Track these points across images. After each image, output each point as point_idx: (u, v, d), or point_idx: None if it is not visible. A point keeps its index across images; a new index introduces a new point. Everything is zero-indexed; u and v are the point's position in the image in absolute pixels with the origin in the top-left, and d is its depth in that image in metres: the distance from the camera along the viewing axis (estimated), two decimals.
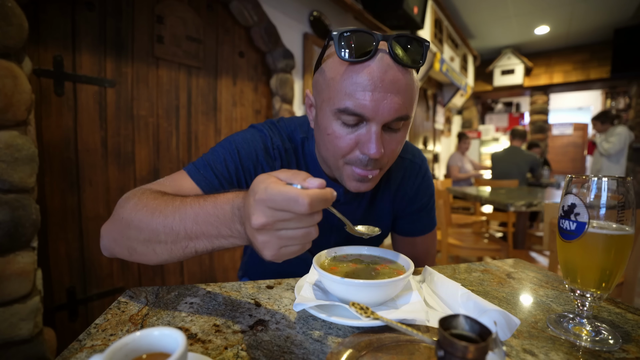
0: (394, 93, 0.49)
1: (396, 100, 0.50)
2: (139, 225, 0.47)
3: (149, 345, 0.28)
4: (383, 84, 0.49)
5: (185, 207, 0.45)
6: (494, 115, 8.22)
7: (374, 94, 0.49)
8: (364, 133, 0.52)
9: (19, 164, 1.06)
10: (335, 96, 0.51)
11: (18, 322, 1.06)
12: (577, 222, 0.42)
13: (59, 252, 1.37)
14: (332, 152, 0.55)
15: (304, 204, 0.32)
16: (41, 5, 1.28)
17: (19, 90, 1.05)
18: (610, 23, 4.66)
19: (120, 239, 0.50)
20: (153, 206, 0.47)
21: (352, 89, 0.49)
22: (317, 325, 0.43)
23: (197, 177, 0.60)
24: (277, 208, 0.34)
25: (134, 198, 0.51)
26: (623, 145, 3.65)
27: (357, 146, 0.53)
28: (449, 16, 4.28)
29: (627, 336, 0.42)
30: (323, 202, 0.34)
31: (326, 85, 0.53)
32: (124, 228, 0.49)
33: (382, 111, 0.49)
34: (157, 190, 0.53)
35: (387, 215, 0.75)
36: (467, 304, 0.44)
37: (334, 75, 0.52)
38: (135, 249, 0.49)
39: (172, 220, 0.45)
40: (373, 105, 0.49)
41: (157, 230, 0.45)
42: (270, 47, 2.18)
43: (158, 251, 0.47)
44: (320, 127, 0.56)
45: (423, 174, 0.75)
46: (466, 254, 2.08)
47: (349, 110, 0.50)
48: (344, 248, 0.57)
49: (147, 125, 1.66)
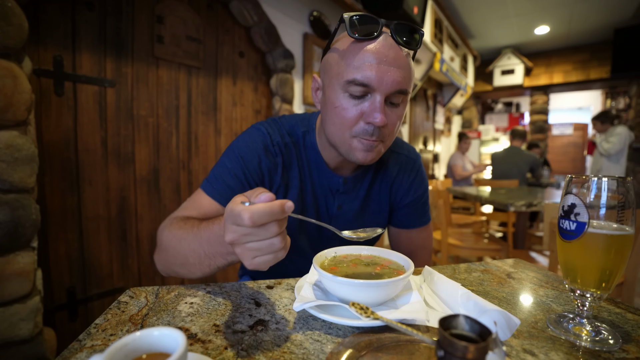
0: (396, 67, 0.56)
1: (398, 74, 0.56)
2: (174, 253, 0.57)
3: (149, 346, 0.28)
4: (387, 58, 0.55)
5: (201, 233, 0.53)
6: (494, 115, 8.22)
7: (379, 66, 0.55)
8: (369, 104, 0.57)
9: (19, 164, 1.06)
10: (345, 70, 0.57)
11: (18, 322, 1.06)
12: (577, 222, 0.42)
13: (59, 252, 1.37)
14: (338, 126, 0.60)
15: (245, 218, 0.36)
16: (41, 5, 1.28)
17: (18, 90, 1.05)
18: (611, 23, 4.65)
19: (165, 264, 0.61)
20: (179, 235, 0.56)
21: (359, 63, 0.56)
22: (317, 325, 0.43)
23: (212, 192, 0.66)
24: (235, 224, 0.38)
25: (166, 230, 0.60)
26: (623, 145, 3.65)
27: (363, 117, 0.58)
28: (449, 16, 4.27)
29: (627, 336, 0.42)
30: (267, 215, 0.37)
31: (336, 63, 0.59)
32: (164, 256, 0.60)
33: (385, 82, 0.55)
34: (182, 218, 0.62)
35: (385, 207, 0.79)
36: (467, 304, 0.44)
37: (344, 53, 0.58)
38: (177, 272, 0.59)
39: (194, 246, 0.53)
40: (378, 76, 0.55)
41: (186, 256, 0.55)
42: (270, 47, 2.18)
43: (192, 270, 0.56)
44: (327, 103, 0.61)
45: (417, 169, 0.81)
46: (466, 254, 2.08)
47: (357, 80, 0.56)
48: (344, 248, 0.57)
49: (147, 125, 1.66)
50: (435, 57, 3.97)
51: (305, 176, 0.71)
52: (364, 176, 0.75)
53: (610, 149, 3.66)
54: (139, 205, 1.64)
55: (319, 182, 0.72)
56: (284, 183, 0.70)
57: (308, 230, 0.73)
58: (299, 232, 0.72)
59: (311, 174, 0.72)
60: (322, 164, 0.71)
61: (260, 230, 0.38)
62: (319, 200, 0.73)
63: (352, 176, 0.73)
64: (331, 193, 0.73)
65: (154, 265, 1.73)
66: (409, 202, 0.79)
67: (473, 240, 2.17)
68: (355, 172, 0.73)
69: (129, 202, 1.60)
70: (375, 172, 0.76)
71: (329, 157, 0.70)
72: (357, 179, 0.74)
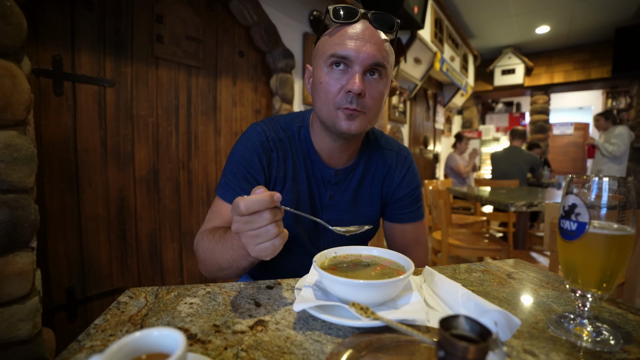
0: (371, 43, 0.63)
1: (374, 48, 0.63)
2: (210, 262, 0.65)
3: (148, 346, 0.27)
4: (364, 35, 0.64)
5: (226, 242, 0.60)
6: (494, 115, 8.21)
7: (357, 42, 0.63)
8: (348, 76, 0.64)
9: (18, 164, 1.05)
10: (328, 48, 0.65)
11: (17, 323, 1.06)
12: (577, 222, 0.42)
13: (58, 252, 1.37)
14: (324, 100, 0.66)
15: (241, 206, 0.44)
16: (40, 5, 1.28)
17: (18, 90, 1.04)
18: (611, 22, 4.65)
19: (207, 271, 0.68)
20: (210, 247, 0.64)
21: (340, 40, 0.64)
22: (317, 325, 0.43)
23: (228, 198, 0.72)
24: (236, 214, 0.46)
25: (200, 244, 0.68)
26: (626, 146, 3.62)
27: (344, 88, 0.65)
28: (450, 16, 4.27)
29: (629, 337, 0.42)
30: (258, 203, 0.44)
31: (321, 45, 0.68)
32: (205, 265, 0.67)
33: (362, 55, 0.63)
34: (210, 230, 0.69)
35: (377, 200, 0.82)
36: (467, 304, 0.44)
37: (328, 36, 0.67)
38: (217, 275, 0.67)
39: (223, 253, 0.61)
40: (355, 49, 0.63)
41: (219, 263, 0.62)
42: (270, 47, 2.18)
43: (227, 273, 0.63)
44: (315, 83, 0.68)
45: (408, 165, 0.84)
46: (466, 254, 2.08)
47: (337, 54, 0.63)
48: (344, 248, 0.57)
49: (147, 125, 1.66)
50: (436, 56, 3.97)
51: (299, 167, 0.76)
52: (354, 169, 0.79)
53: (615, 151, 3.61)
54: (138, 205, 1.64)
55: (312, 174, 0.77)
56: (280, 175, 0.75)
57: (303, 220, 0.77)
58: (295, 222, 0.76)
59: (305, 166, 0.76)
60: (315, 156, 0.76)
61: (256, 218, 0.45)
62: (313, 190, 0.77)
63: (343, 168, 0.77)
64: (323, 184, 0.77)
65: (153, 265, 1.73)
66: (402, 197, 0.83)
67: (473, 240, 2.17)
68: (346, 165, 0.78)
69: (128, 202, 1.60)
70: (366, 166, 0.80)
71: (321, 150, 0.75)
72: (348, 171, 0.78)
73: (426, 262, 0.84)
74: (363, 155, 0.79)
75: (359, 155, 0.79)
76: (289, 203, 0.75)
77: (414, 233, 0.85)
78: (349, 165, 0.78)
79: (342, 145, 0.72)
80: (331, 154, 0.75)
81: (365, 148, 0.80)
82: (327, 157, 0.76)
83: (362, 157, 0.79)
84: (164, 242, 1.75)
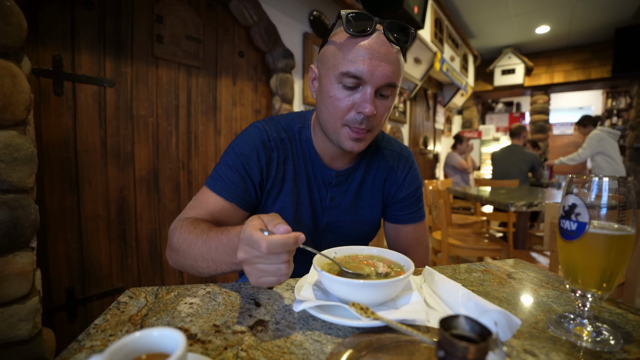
0: (386, 62, 0.61)
1: (388, 68, 0.61)
2: (184, 255, 0.61)
3: (148, 346, 0.27)
4: (379, 54, 0.60)
5: (210, 240, 0.56)
6: (494, 115, 8.21)
7: (371, 61, 0.60)
8: (360, 95, 0.62)
9: (18, 163, 1.05)
10: (340, 62, 0.62)
11: (17, 323, 1.06)
12: (577, 222, 0.42)
13: (58, 252, 1.37)
14: (332, 114, 0.65)
15: (263, 247, 0.41)
16: (40, 5, 1.28)
17: (18, 89, 1.04)
18: (611, 22, 4.65)
19: (177, 263, 0.64)
20: (189, 240, 0.59)
21: (353, 57, 0.61)
22: (317, 325, 0.43)
23: (217, 189, 0.69)
24: (250, 246, 0.43)
25: (176, 231, 0.63)
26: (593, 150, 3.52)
27: (354, 107, 0.63)
28: (450, 16, 4.27)
29: (629, 337, 0.42)
30: (282, 246, 0.41)
31: (332, 55, 0.64)
32: (176, 255, 0.63)
33: (376, 76, 0.60)
34: (192, 220, 0.64)
35: (378, 201, 0.82)
36: (467, 304, 0.44)
37: (340, 46, 0.63)
38: (188, 270, 0.63)
39: (202, 251, 0.57)
40: (370, 70, 0.60)
41: (195, 259, 0.58)
42: (270, 47, 2.18)
43: (201, 270, 0.59)
44: (323, 92, 0.66)
45: (410, 165, 0.84)
46: (466, 254, 2.08)
47: (350, 73, 0.60)
48: (344, 248, 0.57)
49: (147, 125, 1.66)
50: (436, 56, 3.97)
51: (300, 169, 0.75)
52: (355, 170, 0.78)
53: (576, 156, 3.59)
54: (138, 206, 1.64)
55: (313, 175, 0.76)
56: (279, 176, 0.74)
57: (303, 221, 0.76)
58: (295, 223, 0.75)
59: (306, 167, 0.76)
60: (316, 157, 0.75)
61: (273, 257, 0.43)
62: (313, 192, 0.77)
63: (344, 170, 0.77)
64: (324, 185, 0.77)
65: (153, 265, 1.73)
66: (403, 198, 0.82)
67: (473, 240, 2.17)
68: (347, 166, 0.77)
69: (128, 202, 1.60)
70: (367, 167, 0.80)
71: (322, 151, 0.75)
72: (349, 172, 0.77)
73: (427, 263, 0.84)
74: (364, 156, 0.79)
75: (360, 156, 0.78)
76: (289, 205, 0.74)
77: (415, 234, 0.85)
78: (350, 167, 0.77)
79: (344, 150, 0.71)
80: (332, 156, 0.74)
81: (367, 149, 0.79)
82: (328, 159, 0.75)
83: (363, 158, 0.79)
84: (164, 242, 1.75)
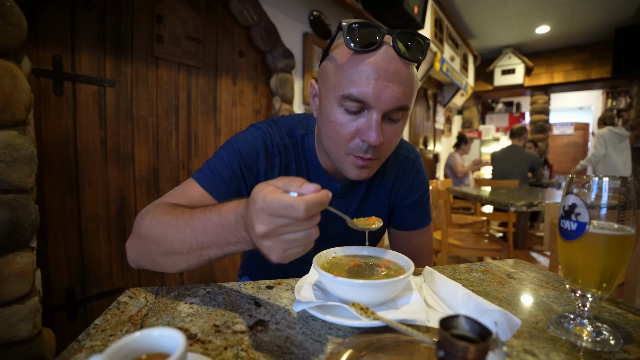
0: (395, 83, 0.52)
1: (397, 90, 0.52)
2: (156, 240, 0.51)
3: (148, 346, 0.27)
4: (386, 73, 0.52)
5: (194, 220, 0.48)
6: (494, 115, 8.21)
7: (377, 82, 0.51)
8: (365, 121, 0.54)
9: (18, 163, 1.05)
10: (341, 83, 0.54)
11: (17, 323, 1.06)
12: (577, 222, 0.42)
13: (58, 252, 1.37)
14: (334, 140, 0.58)
15: (300, 209, 0.34)
16: (40, 5, 1.28)
17: (18, 89, 1.04)
18: (611, 22, 4.65)
19: (143, 252, 0.54)
20: (166, 221, 0.51)
21: (357, 77, 0.52)
22: (317, 325, 0.43)
23: (206, 183, 0.62)
24: (277, 215, 0.36)
25: (149, 214, 0.54)
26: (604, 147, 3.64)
27: (358, 134, 0.55)
28: (450, 16, 4.27)
29: (628, 337, 0.42)
30: (319, 206, 0.36)
31: (332, 73, 0.56)
32: (144, 243, 0.53)
33: (383, 99, 0.52)
34: (169, 204, 0.56)
35: (384, 209, 0.77)
36: (467, 304, 0.44)
37: (340, 64, 0.55)
38: (156, 261, 0.53)
39: (184, 234, 0.48)
40: (375, 92, 0.52)
41: (172, 244, 0.49)
42: (270, 47, 2.18)
43: (176, 261, 0.50)
44: (323, 115, 0.59)
45: (417, 169, 0.78)
46: (466, 254, 2.08)
47: (352, 96, 0.52)
48: (344, 248, 0.57)
49: (147, 125, 1.66)
50: (436, 56, 3.97)
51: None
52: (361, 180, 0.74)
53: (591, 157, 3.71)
54: (138, 206, 1.64)
55: None
56: None
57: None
58: None
59: (309, 177, 0.71)
60: (319, 167, 0.70)
61: (305, 222, 0.37)
62: None
63: (349, 180, 0.71)
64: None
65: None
66: (409, 204, 0.78)
67: (473, 240, 2.17)
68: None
69: (128, 202, 1.60)
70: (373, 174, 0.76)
71: (326, 162, 0.69)
72: (355, 182, 0.72)
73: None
74: None
75: None
76: None
77: (419, 240, 0.81)
78: None
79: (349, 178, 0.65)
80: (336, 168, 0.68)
81: None
82: (332, 171, 0.70)
83: None
84: None
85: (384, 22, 2.88)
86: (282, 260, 0.39)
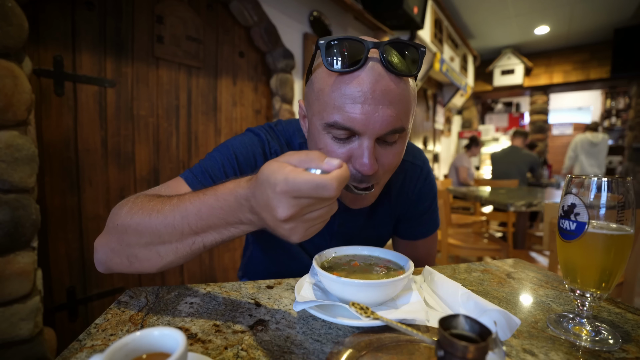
0: (385, 105, 0.46)
1: (389, 113, 0.46)
2: (137, 229, 0.45)
3: (149, 345, 0.28)
4: (374, 95, 0.46)
5: (184, 204, 0.43)
6: (493, 115, 8.22)
7: (364, 106, 0.46)
8: (356, 147, 0.49)
9: (19, 164, 1.05)
10: (324, 110, 0.49)
11: (18, 322, 1.06)
12: (577, 222, 0.42)
13: (59, 252, 1.37)
14: None
15: (332, 188, 0.32)
16: (41, 5, 1.28)
17: (19, 90, 1.05)
18: (610, 23, 4.66)
19: (118, 248, 0.47)
20: (149, 208, 0.45)
21: (340, 102, 0.47)
22: (317, 325, 0.43)
23: (195, 183, 0.58)
24: (303, 196, 0.33)
25: (128, 204, 0.48)
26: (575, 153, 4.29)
27: (350, 161, 0.50)
28: (449, 16, 4.27)
29: (627, 336, 0.42)
30: (345, 180, 0.34)
31: (315, 98, 0.51)
32: (121, 235, 0.47)
33: (373, 124, 0.46)
34: (151, 195, 0.51)
35: (388, 220, 0.74)
36: (467, 304, 0.44)
37: (322, 87, 0.49)
38: (136, 256, 0.46)
39: (172, 219, 0.43)
40: (363, 118, 0.46)
41: (158, 231, 0.44)
42: (270, 47, 2.18)
43: (162, 253, 0.45)
44: (312, 140, 0.54)
45: (425, 177, 0.73)
46: (466, 254, 2.08)
47: (338, 124, 0.47)
48: (344, 248, 0.57)
49: (147, 125, 1.66)
50: (435, 57, 3.97)
51: None
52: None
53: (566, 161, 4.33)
54: None
55: None
56: None
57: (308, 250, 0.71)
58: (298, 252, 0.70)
59: None
60: None
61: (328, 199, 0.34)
62: None
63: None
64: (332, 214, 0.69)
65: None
66: (416, 214, 0.74)
67: (473, 240, 2.17)
68: None
69: None
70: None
71: None
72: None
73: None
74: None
75: None
76: None
77: (425, 247, 0.78)
78: None
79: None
80: None
81: None
82: None
83: None
84: None
85: (383, 23, 2.89)
86: (304, 239, 0.37)
